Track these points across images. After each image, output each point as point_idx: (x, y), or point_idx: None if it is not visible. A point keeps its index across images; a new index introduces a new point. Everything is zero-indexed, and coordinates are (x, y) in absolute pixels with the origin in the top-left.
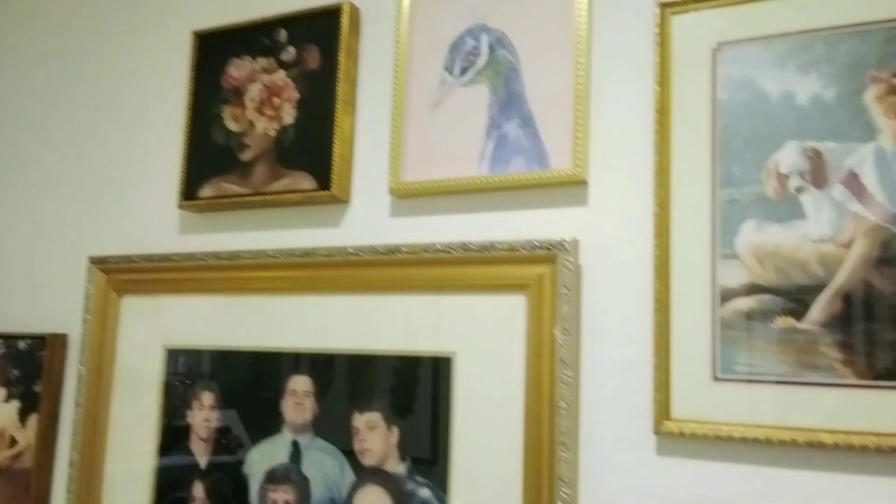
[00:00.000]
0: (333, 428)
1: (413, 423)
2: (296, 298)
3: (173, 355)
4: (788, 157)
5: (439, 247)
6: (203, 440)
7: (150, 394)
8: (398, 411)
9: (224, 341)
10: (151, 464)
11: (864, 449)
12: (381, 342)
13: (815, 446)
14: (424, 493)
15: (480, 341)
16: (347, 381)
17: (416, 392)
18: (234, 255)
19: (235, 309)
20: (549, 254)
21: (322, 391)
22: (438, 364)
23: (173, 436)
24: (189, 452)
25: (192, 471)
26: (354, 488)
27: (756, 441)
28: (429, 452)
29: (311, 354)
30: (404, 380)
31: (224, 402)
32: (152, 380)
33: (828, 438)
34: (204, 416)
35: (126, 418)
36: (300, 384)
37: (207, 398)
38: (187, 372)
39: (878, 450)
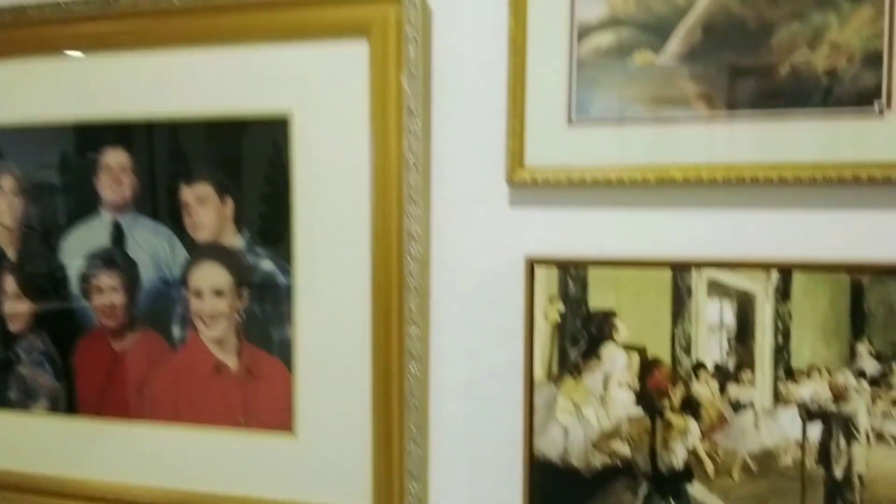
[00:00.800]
0: (159, 204)
1: (249, 192)
2: (98, 58)
3: None
4: None
5: None
6: (7, 229)
7: None
8: (231, 181)
9: (16, 114)
10: None
11: (712, 182)
12: (206, 104)
13: (665, 184)
14: (266, 265)
15: (319, 97)
16: (170, 151)
17: (250, 158)
18: (19, 9)
19: (25, 76)
20: None
21: (141, 164)
22: (274, 125)
23: None
24: None
25: (1, 264)
26: (189, 267)
27: (608, 183)
28: (269, 223)
29: (123, 123)
30: (236, 145)
31: (27, 186)
32: None
33: (678, 175)
34: (5, 202)
35: None
36: (115, 158)
37: (7, 182)
38: None
39: (727, 182)
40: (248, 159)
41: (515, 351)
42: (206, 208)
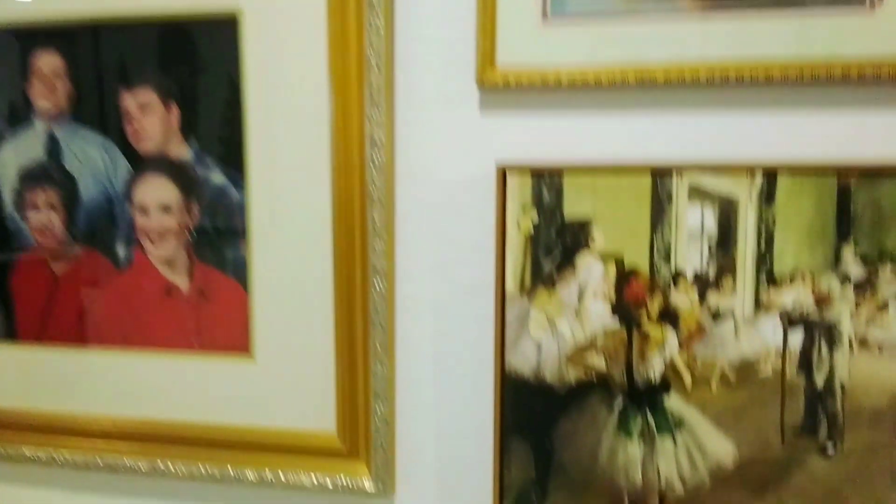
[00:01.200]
0: (97, 113)
1: (197, 98)
2: None
3: None
4: None
5: None
6: None
7: None
8: (177, 86)
9: None
10: None
11: (695, 81)
12: (147, 1)
13: (646, 84)
14: (218, 178)
15: None
16: (108, 53)
17: (197, 61)
18: None
19: None
20: None
21: (77, 69)
22: (222, 23)
23: None
24: None
25: None
26: (132, 181)
27: (585, 84)
28: (219, 132)
29: (55, 24)
30: (180, 46)
31: None
32: None
33: (660, 74)
34: None
35: None
36: (47, 62)
37: None
38: None
39: (710, 81)
40: (195, 62)
41: (486, 264)
42: (149, 116)
